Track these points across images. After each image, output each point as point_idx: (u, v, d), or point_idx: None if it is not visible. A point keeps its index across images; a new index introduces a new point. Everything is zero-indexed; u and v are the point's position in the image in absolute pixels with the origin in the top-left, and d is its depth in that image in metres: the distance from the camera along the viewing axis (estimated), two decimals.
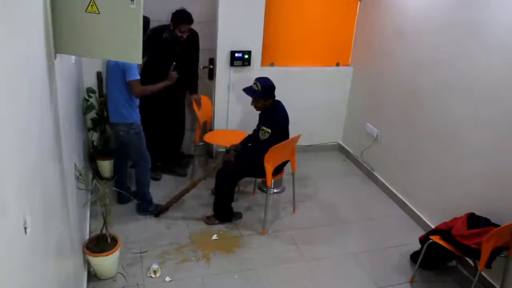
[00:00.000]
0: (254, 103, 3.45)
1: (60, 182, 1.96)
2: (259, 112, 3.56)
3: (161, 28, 3.81)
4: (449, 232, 2.88)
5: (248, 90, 3.43)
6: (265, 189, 3.95)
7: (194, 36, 3.97)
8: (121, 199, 3.68)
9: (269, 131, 3.34)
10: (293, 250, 3.36)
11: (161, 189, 4.00)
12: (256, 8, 4.18)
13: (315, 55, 4.70)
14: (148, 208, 3.59)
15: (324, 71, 4.75)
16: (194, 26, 3.99)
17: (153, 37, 3.76)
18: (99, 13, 1.82)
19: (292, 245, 3.41)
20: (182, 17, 3.66)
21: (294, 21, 4.49)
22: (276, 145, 3.28)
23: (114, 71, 3.15)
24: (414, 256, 3.27)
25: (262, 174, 3.38)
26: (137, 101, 3.29)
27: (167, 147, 4.27)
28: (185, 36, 3.73)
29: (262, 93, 3.39)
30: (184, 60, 3.89)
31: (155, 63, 3.78)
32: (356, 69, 4.78)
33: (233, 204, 3.63)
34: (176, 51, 3.82)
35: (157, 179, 4.13)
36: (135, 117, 3.29)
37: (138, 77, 3.15)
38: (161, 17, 3.88)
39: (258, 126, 3.55)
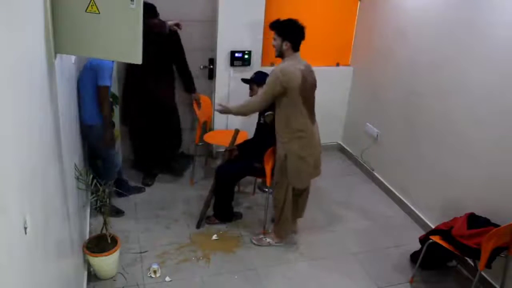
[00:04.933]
0: (251, 92, 3.50)
1: (60, 182, 1.96)
2: None
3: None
4: (449, 232, 2.88)
5: (244, 80, 3.58)
6: (265, 189, 3.95)
7: (174, 35, 3.87)
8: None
9: (272, 113, 3.35)
10: (293, 250, 3.36)
11: (158, 191, 4.01)
12: (256, 8, 4.18)
13: (315, 55, 4.68)
14: (102, 207, 3.54)
15: (324, 71, 4.72)
16: (191, 26, 3.99)
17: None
18: (99, 13, 1.82)
19: (292, 245, 3.41)
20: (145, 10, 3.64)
21: None
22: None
23: (88, 73, 3.07)
24: (414, 256, 3.27)
25: (262, 174, 3.38)
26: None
27: (164, 151, 4.22)
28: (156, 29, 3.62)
29: (256, 77, 3.48)
30: (164, 56, 3.83)
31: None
32: (356, 69, 4.79)
33: (233, 204, 3.63)
34: (154, 48, 3.67)
35: (148, 184, 4.05)
36: (97, 119, 3.17)
37: (108, 84, 3.09)
38: (161, 16, 3.88)
39: (258, 123, 3.55)
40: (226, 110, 3.25)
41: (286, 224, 3.33)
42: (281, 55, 3.06)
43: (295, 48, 3.04)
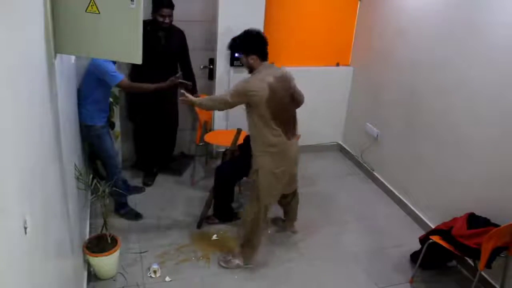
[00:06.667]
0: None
1: (60, 182, 1.96)
2: None
3: (144, 23, 3.74)
4: (449, 232, 2.88)
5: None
6: None
7: (181, 34, 3.89)
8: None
9: None
10: (293, 250, 3.36)
11: (157, 191, 4.01)
12: (256, 8, 4.18)
13: (315, 55, 4.70)
14: (120, 210, 3.54)
15: (324, 71, 4.75)
16: (192, 25, 3.97)
17: None
18: (99, 13, 1.82)
19: (292, 245, 3.41)
20: (161, 1, 3.62)
21: (294, 21, 4.49)
22: None
23: (89, 75, 3.12)
24: (414, 256, 3.27)
25: None
26: (101, 106, 3.23)
27: (162, 150, 4.23)
28: (167, 21, 3.64)
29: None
30: (171, 54, 3.84)
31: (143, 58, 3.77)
32: (356, 69, 4.78)
33: (233, 204, 3.63)
34: (162, 44, 3.75)
35: (148, 184, 4.05)
36: (96, 120, 3.20)
37: (121, 77, 3.12)
38: None
39: None
40: (189, 101, 3.07)
41: (252, 244, 3.11)
42: (252, 69, 2.91)
43: (263, 57, 2.89)
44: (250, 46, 2.87)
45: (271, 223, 3.56)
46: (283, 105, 2.87)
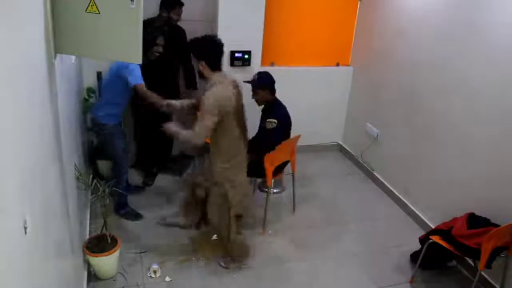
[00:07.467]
0: (254, 95, 3.51)
1: (60, 182, 1.96)
2: (262, 109, 3.57)
3: (151, 21, 3.76)
4: (449, 232, 2.88)
5: (247, 81, 3.51)
6: (265, 189, 3.95)
7: (183, 33, 3.97)
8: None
9: (276, 121, 3.39)
10: (293, 250, 3.36)
11: (156, 192, 4.01)
12: (256, 8, 4.18)
13: (315, 55, 4.70)
14: (120, 210, 3.54)
15: (324, 71, 4.75)
16: (192, 25, 3.98)
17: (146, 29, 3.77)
18: (99, 13, 1.82)
19: (292, 245, 3.41)
20: (175, 0, 3.77)
21: (294, 21, 4.49)
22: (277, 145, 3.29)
23: (111, 74, 3.18)
24: (414, 256, 3.27)
25: (262, 174, 3.38)
26: (118, 109, 3.28)
27: (162, 150, 4.26)
28: (180, 18, 3.85)
29: (257, 82, 3.47)
30: (175, 52, 3.88)
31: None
32: (356, 69, 4.79)
33: None
34: (167, 42, 3.77)
35: (148, 184, 4.06)
36: (109, 119, 3.23)
37: (142, 81, 3.09)
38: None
39: (260, 125, 3.56)
40: (173, 131, 2.84)
41: (238, 243, 3.10)
42: (203, 76, 2.75)
43: (214, 67, 2.69)
44: (199, 51, 2.70)
45: (267, 222, 3.56)
46: (242, 113, 2.84)
